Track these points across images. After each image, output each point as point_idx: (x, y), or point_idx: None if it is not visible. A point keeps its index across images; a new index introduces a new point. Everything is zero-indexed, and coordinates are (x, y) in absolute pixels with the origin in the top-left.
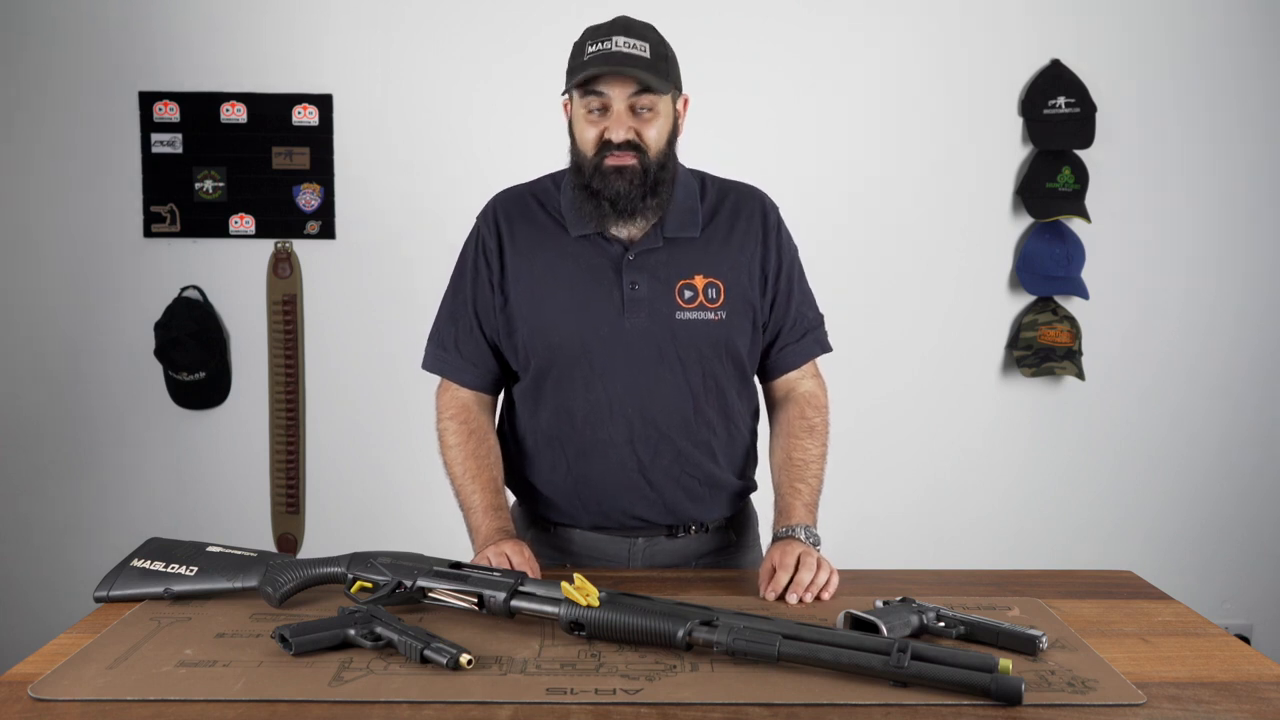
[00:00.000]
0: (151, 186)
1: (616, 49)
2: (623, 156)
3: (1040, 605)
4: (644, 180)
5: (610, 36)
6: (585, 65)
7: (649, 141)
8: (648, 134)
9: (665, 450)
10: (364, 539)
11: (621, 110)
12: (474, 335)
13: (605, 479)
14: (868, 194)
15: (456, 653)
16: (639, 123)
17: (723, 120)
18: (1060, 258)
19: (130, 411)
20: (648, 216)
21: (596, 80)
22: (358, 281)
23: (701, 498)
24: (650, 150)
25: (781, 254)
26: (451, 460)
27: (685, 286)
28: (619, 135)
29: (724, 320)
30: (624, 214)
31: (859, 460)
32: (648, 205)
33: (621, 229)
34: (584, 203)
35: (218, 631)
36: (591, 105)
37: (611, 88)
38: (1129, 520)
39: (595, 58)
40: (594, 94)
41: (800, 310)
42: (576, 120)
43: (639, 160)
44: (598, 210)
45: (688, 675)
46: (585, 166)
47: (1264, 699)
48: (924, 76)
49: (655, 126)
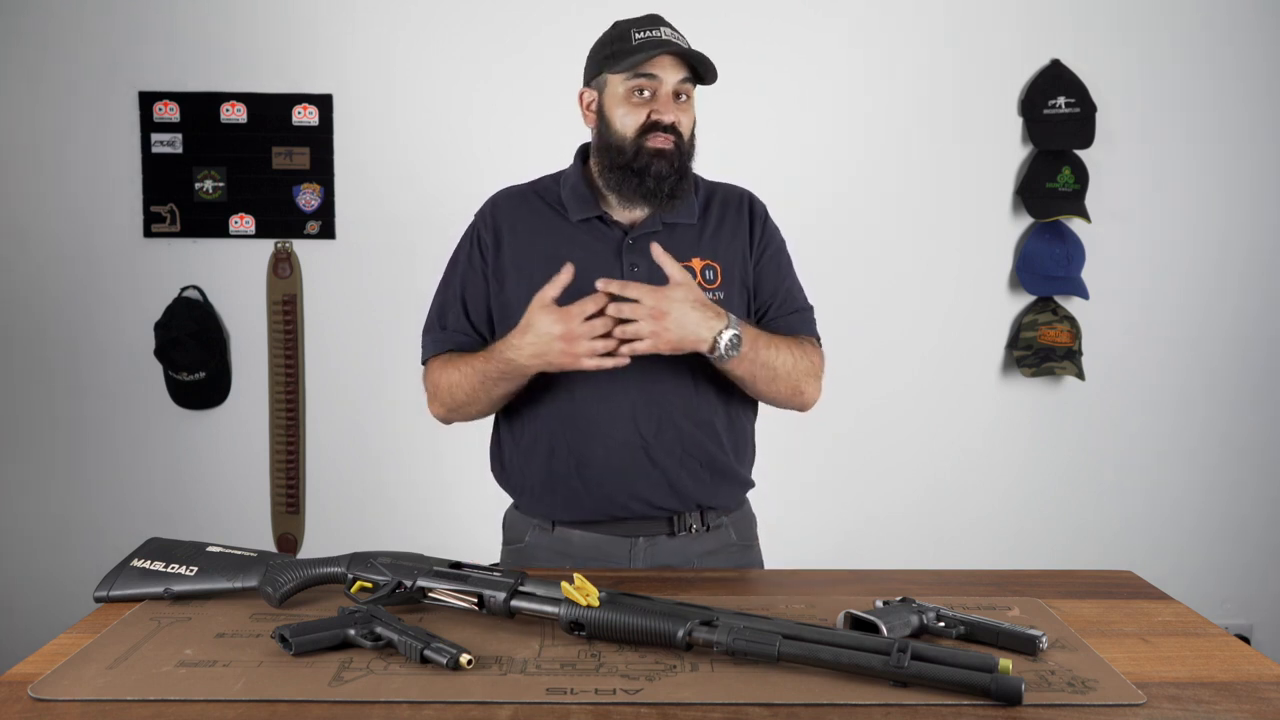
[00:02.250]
0: (151, 186)
1: (666, 37)
2: (665, 139)
3: (1040, 605)
4: (680, 164)
5: (657, 26)
6: (639, 48)
7: (684, 128)
8: (684, 120)
9: (668, 428)
10: (364, 539)
11: (669, 94)
12: (460, 319)
13: (608, 460)
14: (867, 194)
15: (456, 653)
16: (678, 109)
17: (722, 120)
18: (1060, 258)
19: (130, 411)
20: (679, 200)
21: (649, 63)
22: (358, 281)
23: (705, 480)
24: (685, 138)
25: (768, 239)
26: (453, 374)
27: (685, 268)
28: (668, 117)
29: (722, 300)
30: (662, 195)
31: (859, 460)
32: (682, 188)
33: (623, 214)
34: (624, 182)
35: (218, 631)
36: (640, 87)
37: (664, 71)
38: (1129, 520)
39: (648, 42)
40: (645, 76)
41: (790, 289)
42: (616, 103)
43: (677, 145)
44: (640, 189)
45: (688, 675)
46: (626, 147)
47: (1264, 699)
48: (924, 76)
49: (689, 115)
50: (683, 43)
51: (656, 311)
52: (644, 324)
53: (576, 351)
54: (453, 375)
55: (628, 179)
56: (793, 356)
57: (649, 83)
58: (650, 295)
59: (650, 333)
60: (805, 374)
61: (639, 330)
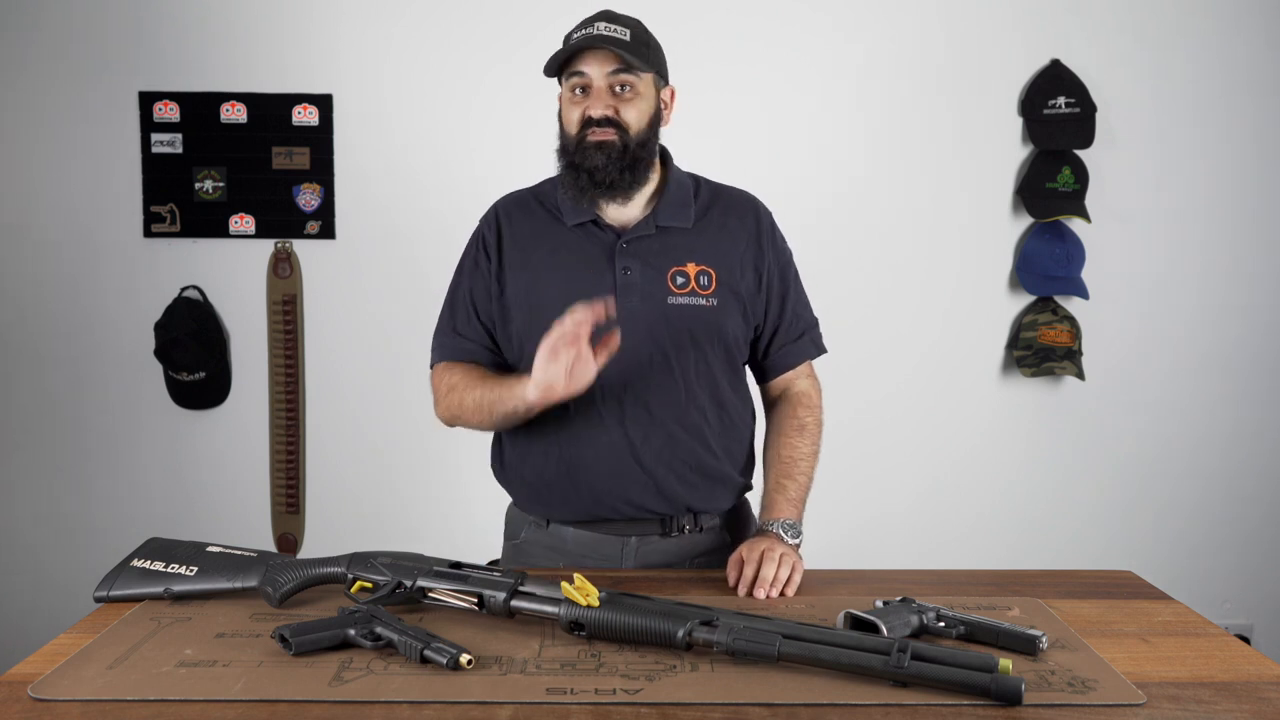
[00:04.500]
0: (151, 186)
1: (598, 32)
2: (603, 132)
3: (1040, 605)
4: (623, 155)
5: (593, 23)
6: (567, 48)
7: (629, 120)
8: (627, 113)
9: (656, 433)
10: (364, 539)
11: (601, 88)
12: (471, 321)
13: (598, 463)
14: (868, 194)
15: (456, 653)
16: (619, 101)
17: (722, 121)
18: (1060, 258)
19: (130, 411)
20: (627, 193)
21: (577, 59)
22: (358, 281)
23: (695, 485)
24: (630, 129)
25: (777, 255)
26: (463, 394)
27: (678, 273)
28: (598, 111)
29: (715, 307)
30: (602, 187)
31: (859, 460)
32: (625, 180)
33: (614, 216)
34: (568, 179)
35: (218, 631)
36: (574, 85)
37: (590, 66)
38: (1129, 520)
39: (578, 40)
40: (576, 74)
41: (797, 311)
42: (563, 103)
43: (619, 137)
44: (577, 183)
45: (688, 675)
46: (570, 144)
47: (1264, 699)
48: (924, 76)
49: (635, 107)
50: (619, 35)
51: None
52: (770, 568)
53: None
54: (465, 400)
55: (570, 174)
56: (810, 459)
57: (581, 80)
58: (751, 568)
59: (785, 574)
60: (819, 439)
61: (779, 576)
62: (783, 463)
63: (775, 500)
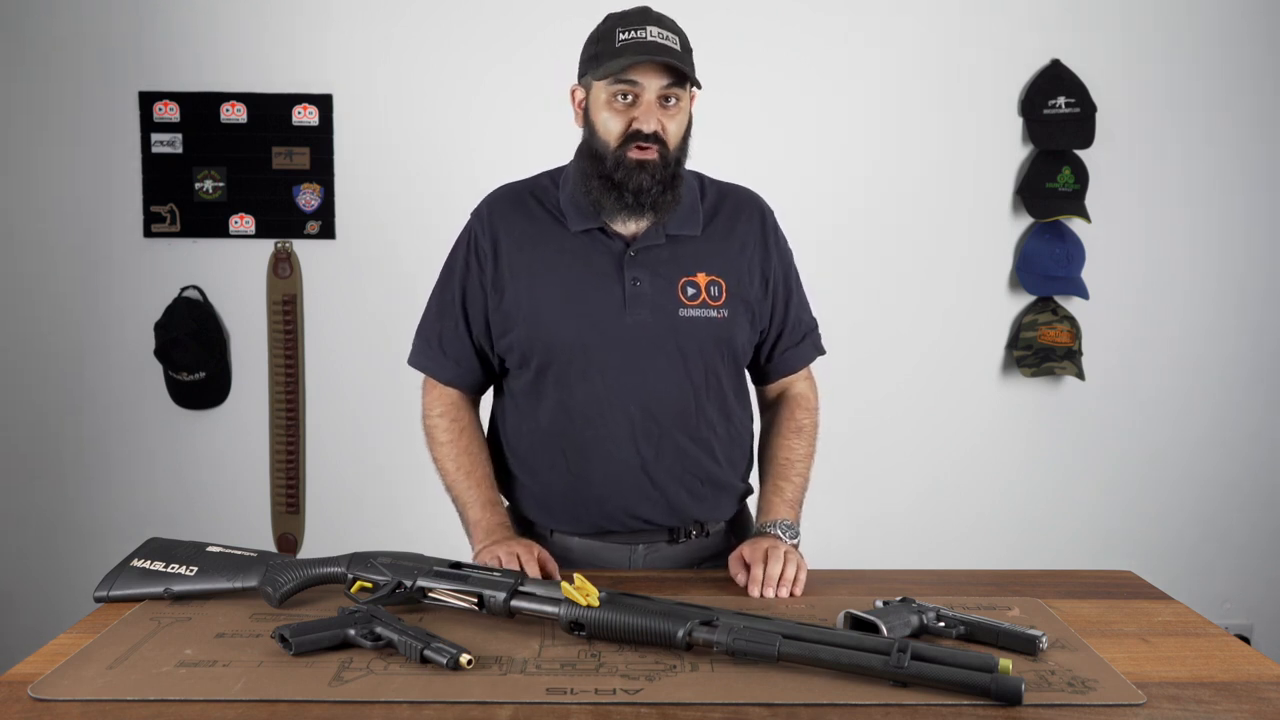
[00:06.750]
0: (151, 186)
1: (651, 38)
2: (648, 150)
3: (1040, 605)
4: (664, 174)
5: (643, 25)
6: (619, 53)
7: (670, 135)
8: (671, 127)
9: (667, 447)
10: (364, 539)
11: (652, 101)
12: (459, 334)
13: (607, 478)
14: (868, 194)
15: (456, 653)
16: (665, 115)
17: (722, 121)
18: (1060, 258)
19: (130, 411)
20: (661, 213)
21: (630, 69)
22: (358, 281)
23: (704, 497)
24: (670, 143)
25: (781, 257)
26: (443, 457)
27: (688, 283)
28: (650, 126)
29: (726, 318)
30: (642, 208)
31: (859, 460)
32: (667, 200)
33: (624, 225)
34: (603, 194)
35: (218, 631)
36: (621, 94)
37: (646, 77)
38: (1129, 520)
39: (629, 46)
40: (625, 83)
41: (799, 315)
42: (599, 108)
43: (660, 154)
44: (619, 202)
45: (688, 675)
46: (608, 157)
47: (1264, 699)
48: (924, 76)
49: (678, 120)
50: (671, 43)
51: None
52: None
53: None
54: (443, 464)
55: (607, 191)
56: (806, 461)
57: (631, 88)
58: (758, 568)
59: (791, 573)
60: (815, 441)
61: (785, 575)
62: (780, 464)
63: (773, 502)
